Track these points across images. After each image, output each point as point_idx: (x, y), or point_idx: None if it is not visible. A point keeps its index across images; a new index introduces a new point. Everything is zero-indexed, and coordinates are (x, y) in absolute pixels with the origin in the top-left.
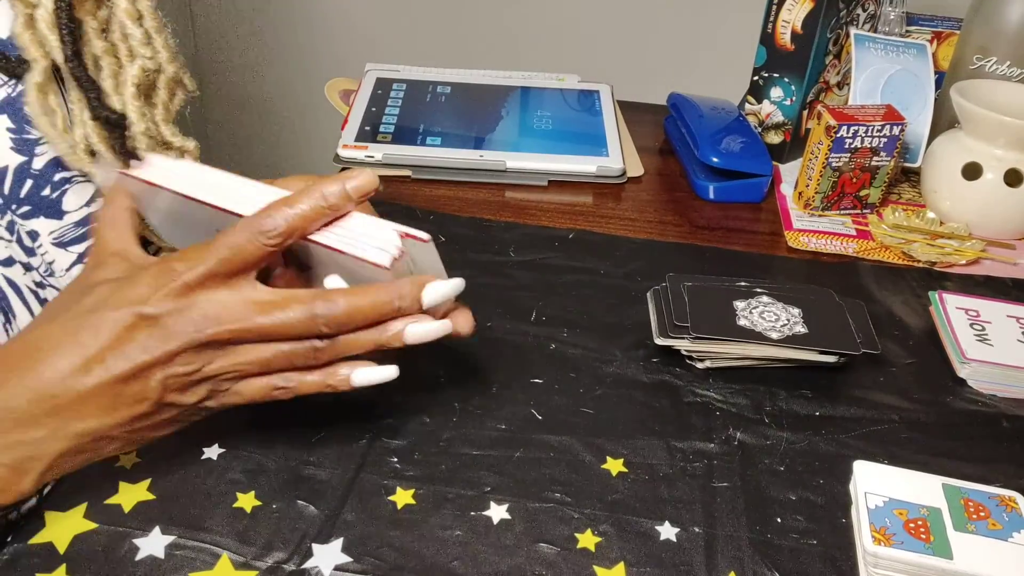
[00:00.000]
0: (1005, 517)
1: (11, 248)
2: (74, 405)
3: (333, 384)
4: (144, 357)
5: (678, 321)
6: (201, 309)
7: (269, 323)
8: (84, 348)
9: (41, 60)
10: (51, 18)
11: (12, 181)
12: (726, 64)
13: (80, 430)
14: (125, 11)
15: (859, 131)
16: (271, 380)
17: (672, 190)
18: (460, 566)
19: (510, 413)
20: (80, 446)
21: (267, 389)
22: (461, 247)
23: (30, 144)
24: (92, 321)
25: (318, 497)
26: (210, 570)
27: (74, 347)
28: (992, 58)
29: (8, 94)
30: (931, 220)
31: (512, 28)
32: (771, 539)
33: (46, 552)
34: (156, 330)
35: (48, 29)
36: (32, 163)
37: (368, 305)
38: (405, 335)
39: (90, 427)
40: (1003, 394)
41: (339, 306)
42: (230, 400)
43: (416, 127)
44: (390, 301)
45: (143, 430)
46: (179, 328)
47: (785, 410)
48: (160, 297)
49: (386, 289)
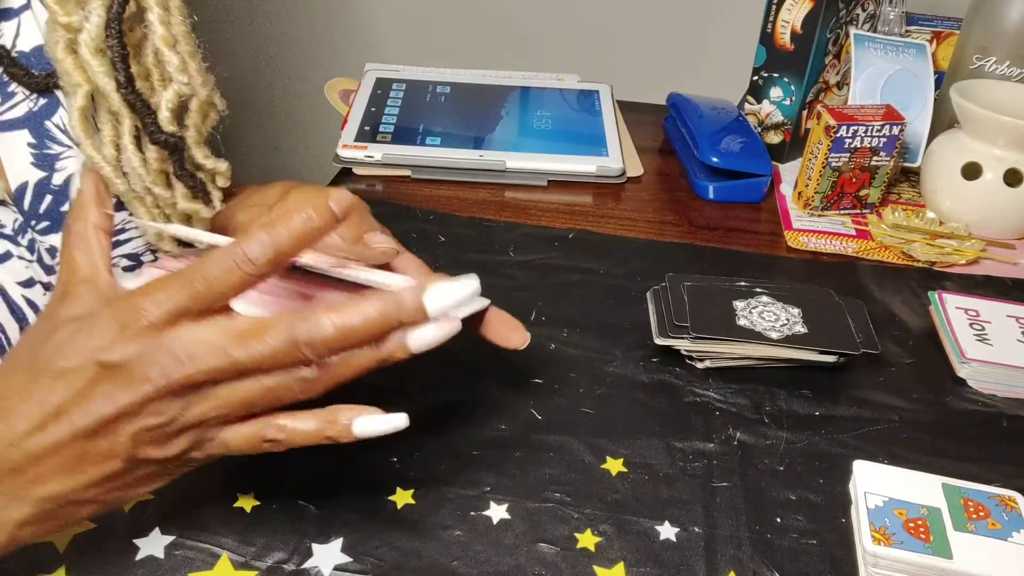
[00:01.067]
0: (1005, 517)
1: (32, 269)
2: (31, 467)
3: (332, 435)
4: (108, 410)
5: (678, 321)
6: (169, 350)
7: (246, 356)
8: (40, 406)
9: (84, 85)
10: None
11: (32, 197)
12: (726, 64)
13: (43, 495)
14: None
15: (859, 131)
16: (260, 431)
17: (672, 190)
18: (460, 566)
19: (510, 413)
20: (46, 512)
21: (256, 441)
22: (461, 247)
23: (50, 159)
24: (48, 374)
25: (318, 497)
26: (210, 570)
27: (29, 404)
28: (992, 58)
29: (30, 108)
30: (931, 220)
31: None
32: (771, 539)
33: (46, 552)
34: (120, 379)
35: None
36: (52, 178)
37: (360, 323)
38: (410, 344)
39: (54, 491)
40: (1003, 394)
41: (324, 328)
42: (216, 451)
43: (416, 127)
44: (386, 314)
45: (120, 489)
46: (146, 374)
47: (785, 410)
48: (123, 341)
49: (380, 300)
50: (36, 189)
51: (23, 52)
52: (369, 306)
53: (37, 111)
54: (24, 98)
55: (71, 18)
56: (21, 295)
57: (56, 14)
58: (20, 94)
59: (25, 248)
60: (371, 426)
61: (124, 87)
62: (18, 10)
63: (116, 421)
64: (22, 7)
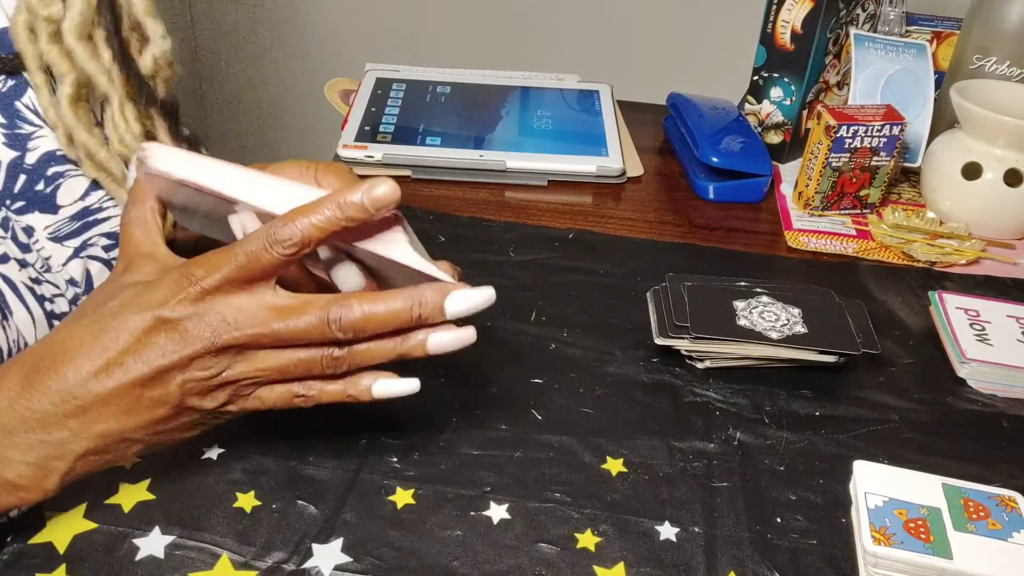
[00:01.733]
0: (1005, 517)
1: (5, 244)
2: (96, 407)
3: (354, 394)
4: (162, 361)
5: (678, 321)
6: (219, 314)
7: (284, 328)
8: (105, 351)
9: (71, 73)
10: (78, 31)
11: (5, 176)
12: (726, 64)
13: (102, 431)
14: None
15: (859, 131)
16: (292, 387)
17: (672, 190)
18: (460, 566)
19: (510, 413)
20: (102, 447)
21: (288, 396)
22: (461, 247)
23: (22, 139)
24: (114, 324)
25: (318, 497)
26: (210, 570)
27: (96, 350)
28: (992, 58)
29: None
30: (931, 220)
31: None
32: (771, 539)
33: (46, 552)
34: (175, 334)
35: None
36: (25, 158)
37: (384, 312)
38: (428, 345)
39: (111, 429)
40: (1003, 394)
41: (354, 312)
42: (251, 405)
43: (416, 127)
44: (408, 308)
45: (165, 433)
46: (197, 332)
47: (785, 410)
48: (179, 301)
49: (405, 295)
50: (9, 169)
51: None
52: (396, 299)
53: (6, 92)
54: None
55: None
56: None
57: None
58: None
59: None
60: (388, 388)
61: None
62: None
63: (169, 372)
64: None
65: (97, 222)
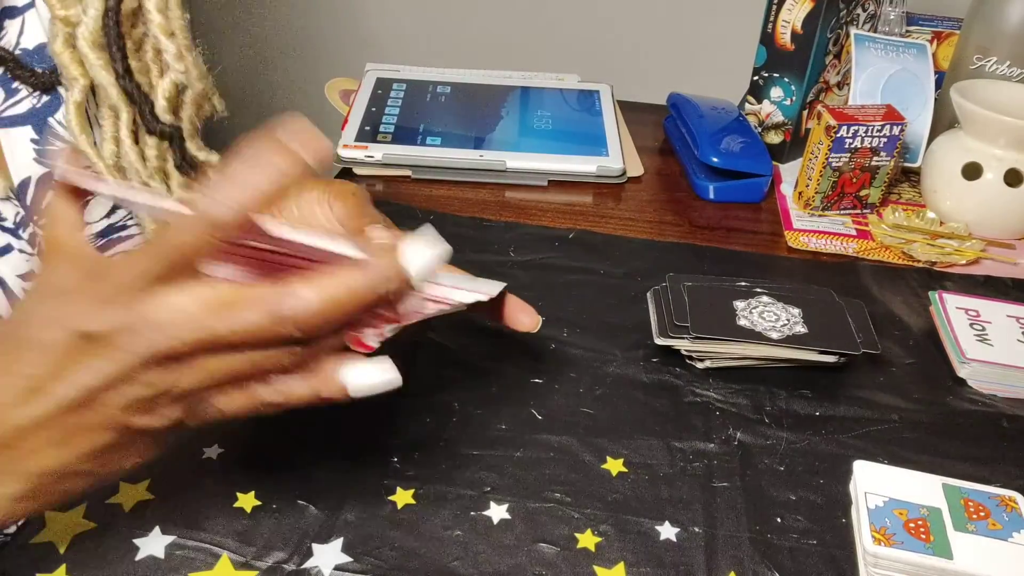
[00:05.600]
0: (1005, 517)
1: (33, 262)
2: (19, 442)
3: (328, 396)
4: (91, 381)
5: (678, 321)
6: (151, 320)
7: (225, 328)
8: (23, 378)
9: (81, 79)
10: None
11: (34, 192)
12: (726, 64)
13: (35, 470)
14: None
15: (859, 131)
16: (253, 394)
17: (672, 190)
18: (460, 566)
19: (510, 413)
20: (41, 487)
21: (252, 404)
22: (461, 247)
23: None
24: (28, 346)
25: (318, 497)
26: (210, 570)
27: (10, 378)
28: (992, 58)
29: (33, 105)
30: (931, 220)
31: (512, 28)
32: (771, 539)
33: (46, 552)
34: (101, 349)
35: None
36: None
37: (345, 294)
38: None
39: (46, 465)
40: (1003, 394)
41: (309, 302)
42: (211, 416)
43: (416, 127)
44: (372, 282)
45: (115, 460)
46: (127, 344)
47: (785, 410)
48: (102, 310)
49: (362, 270)
50: (39, 184)
51: (27, 50)
52: (349, 276)
53: (40, 107)
54: (28, 95)
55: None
56: (22, 288)
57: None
58: (24, 91)
59: (26, 242)
60: (366, 382)
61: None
62: (22, 8)
63: (101, 392)
64: (26, 5)
65: (121, 239)
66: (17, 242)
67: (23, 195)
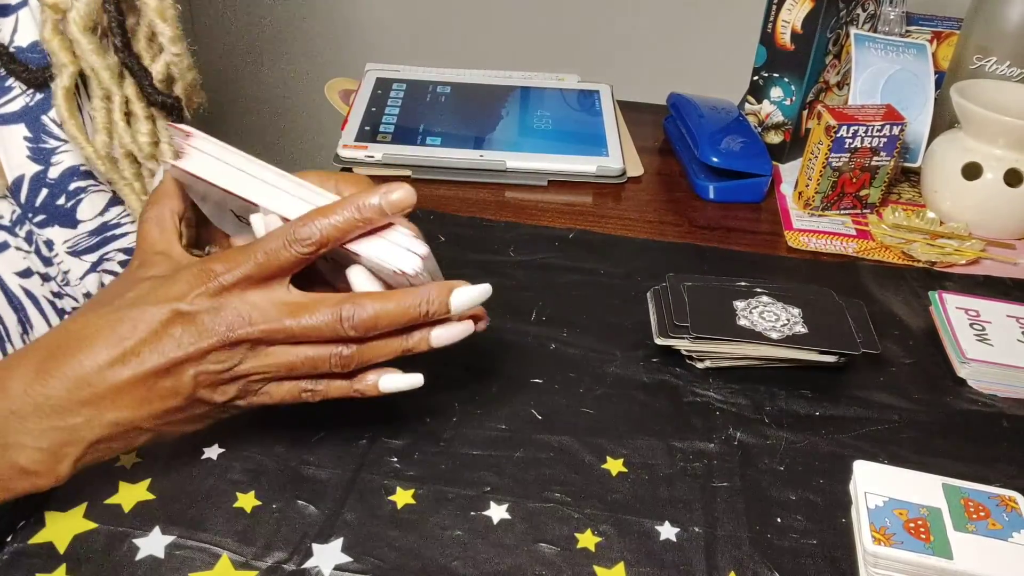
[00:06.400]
0: (1005, 517)
1: (30, 259)
2: (110, 396)
3: (361, 389)
4: (178, 353)
5: (678, 321)
6: (235, 309)
7: (297, 325)
8: (122, 341)
9: (70, 65)
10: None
11: (28, 190)
12: (726, 64)
13: (114, 420)
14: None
15: (859, 131)
16: (300, 383)
17: (672, 190)
18: (460, 566)
19: (510, 413)
20: (113, 435)
21: (296, 391)
22: (461, 247)
23: (47, 153)
24: (131, 315)
25: (318, 497)
26: (210, 570)
27: (112, 339)
28: (992, 58)
29: (26, 103)
30: (931, 220)
31: (512, 28)
32: (771, 539)
33: (46, 552)
34: (191, 327)
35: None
36: (48, 172)
37: (395, 309)
38: (432, 339)
39: (124, 417)
40: (1003, 394)
41: (366, 310)
42: (260, 400)
43: (416, 127)
44: (418, 305)
45: (174, 424)
46: (213, 326)
47: (785, 410)
48: (197, 296)
49: (414, 293)
50: (32, 183)
51: (20, 48)
52: (405, 296)
53: (33, 106)
54: (21, 93)
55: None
56: (19, 285)
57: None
58: (17, 89)
59: (23, 239)
60: (394, 383)
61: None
62: (16, 7)
63: (183, 364)
64: (19, 4)
65: (115, 237)
66: (14, 239)
67: (17, 193)
